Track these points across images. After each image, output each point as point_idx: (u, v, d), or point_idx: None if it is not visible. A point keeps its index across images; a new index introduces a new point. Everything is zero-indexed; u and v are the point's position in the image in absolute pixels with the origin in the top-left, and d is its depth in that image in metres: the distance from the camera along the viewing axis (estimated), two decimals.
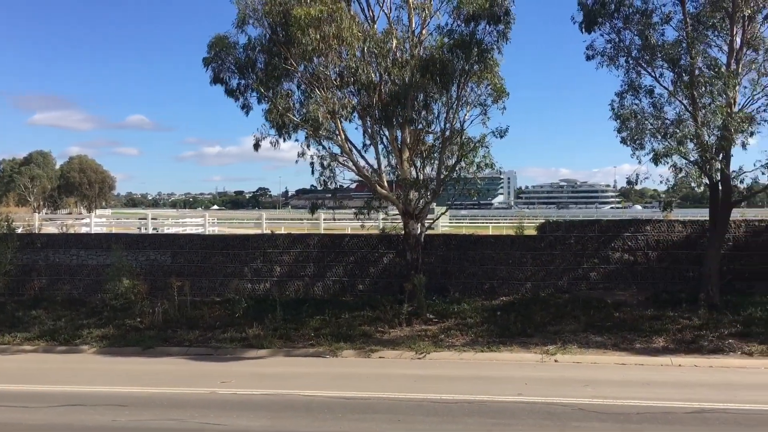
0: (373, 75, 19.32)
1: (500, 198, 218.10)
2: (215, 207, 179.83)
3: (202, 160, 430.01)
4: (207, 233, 32.47)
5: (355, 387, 14.34)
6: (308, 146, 20.77)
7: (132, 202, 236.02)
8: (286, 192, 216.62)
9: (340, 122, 20.14)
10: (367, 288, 23.19)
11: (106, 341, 19.67)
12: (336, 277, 23.49)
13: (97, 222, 40.39)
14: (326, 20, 18.08)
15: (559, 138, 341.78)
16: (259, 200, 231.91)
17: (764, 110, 19.16)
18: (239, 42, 20.03)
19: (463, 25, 19.86)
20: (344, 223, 33.54)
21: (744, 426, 11.42)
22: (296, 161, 21.09)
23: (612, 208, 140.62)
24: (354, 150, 21.18)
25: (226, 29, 21.21)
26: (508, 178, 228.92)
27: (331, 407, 12.91)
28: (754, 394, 13.25)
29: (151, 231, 33.00)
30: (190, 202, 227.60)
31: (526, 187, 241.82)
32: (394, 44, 19.84)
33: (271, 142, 20.47)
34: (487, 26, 19.91)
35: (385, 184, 21.19)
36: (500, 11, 19.63)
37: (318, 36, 17.99)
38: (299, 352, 18.14)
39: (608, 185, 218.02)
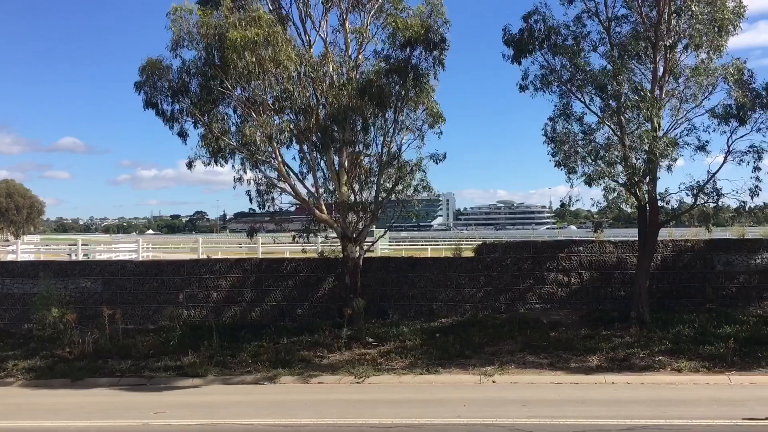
0: (309, 98, 19.37)
1: (440, 220, 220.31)
2: (150, 232, 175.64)
3: (137, 184, 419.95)
4: (141, 259, 31.63)
5: (293, 414, 14.13)
6: (245, 171, 20.62)
7: (63, 227, 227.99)
8: (224, 216, 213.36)
9: (278, 146, 20.05)
10: (306, 312, 22.98)
11: (33, 373, 18.86)
12: (274, 301, 23.20)
13: (25, 249, 38.85)
14: (262, 44, 18.06)
15: (497, 160, 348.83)
16: (196, 224, 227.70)
17: (686, 135, 20.02)
18: (173, 65, 19.81)
19: (399, 50, 20.21)
20: (283, 246, 33.15)
21: None
22: (234, 186, 20.94)
23: (548, 228, 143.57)
24: (292, 174, 21.15)
25: (160, 51, 20.89)
26: (447, 200, 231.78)
27: None
28: (683, 410, 13.64)
29: (81, 257, 31.95)
30: (124, 227, 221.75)
31: (465, 209, 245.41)
32: (331, 68, 19.98)
33: (203, 162, 20.27)
34: (423, 52, 20.32)
35: (324, 207, 21.17)
36: (435, 38, 20.05)
37: (254, 59, 17.95)
38: (236, 379, 17.79)
39: (544, 206, 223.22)
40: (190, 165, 20.40)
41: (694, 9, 18.64)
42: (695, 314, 20.83)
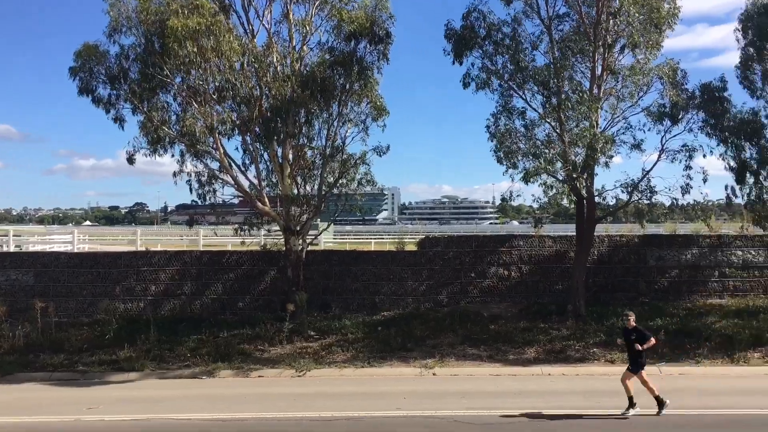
0: (253, 89, 19.11)
1: (385, 214, 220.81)
2: (88, 223, 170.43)
3: (74, 174, 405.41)
4: (76, 251, 30.70)
5: (232, 408, 13.99)
6: (185, 162, 20.24)
7: None
8: (166, 207, 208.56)
9: (220, 137, 19.74)
10: (247, 305, 22.73)
11: None
12: (215, 295, 22.87)
13: None
14: (204, 33, 17.76)
15: (443, 156, 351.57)
16: (136, 216, 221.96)
17: (623, 133, 20.58)
18: (111, 51, 19.27)
19: (344, 42, 20.13)
20: (226, 239, 32.72)
21: (604, 430, 12.07)
22: (174, 177, 20.52)
23: (491, 223, 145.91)
24: (234, 165, 20.85)
25: (99, 36, 20.28)
26: (392, 195, 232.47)
27: (207, 430, 12.50)
28: (616, 400, 13.99)
29: (12, 249, 30.80)
30: (60, 218, 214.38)
31: (410, 204, 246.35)
32: (274, 59, 19.75)
33: (144, 154, 19.81)
34: (368, 45, 20.29)
35: (266, 200, 20.95)
36: (380, 32, 20.06)
37: (195, 48, 17.63)
38: (174, 373, 17.50)
39: (487, 202, 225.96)
40: (130, 159, 19.88)
41: (631, 10, 19.14)
42: (629, 307, 21.38)
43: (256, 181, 21.10)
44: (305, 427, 12.64)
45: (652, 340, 13.38)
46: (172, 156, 20.24)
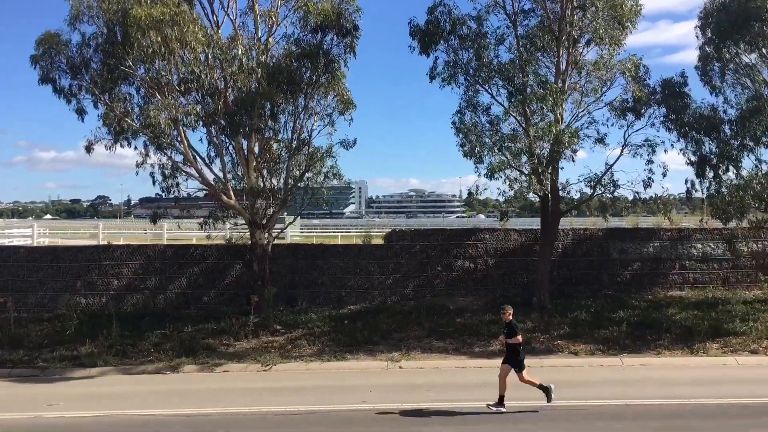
0: (218, 81, 18.89)
1: (352, 207, 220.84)
2: (48, 216, 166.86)
3: (34, 166, 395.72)
4: (35, 245, 30.05)
5: (196, 403, 13.85)
6: (149, 154, 19.95)
7: None
8: (129, 201, 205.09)
9: (184, 129, 19.48)
10: (212, 300, 22.53)
11: None
12: (179, 289, 22.62)
13: None
14: (168, 23, 17.46)
15: (410, 149, 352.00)
16: (98, 209, 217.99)
17: (587, 127, 20.83)
18: (73, 40, 18.88)
19: (310, 35, 19.97)
20: (190, 233, 32.37)
21: (568, 421, 12.26)
22: (137, 170, 20.23)
23: (458, 217, 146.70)
24: (199, 158, 20.61)
25: (60, 24, 19.81)
26: (360, 188, 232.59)
27: (170, 426, 12.38)
28: (579, 392, 14.25)
29: None
30: (20, 212, 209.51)
31: (377, 197, 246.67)
32: (240, 51, 19.51)
33: (106, 146, 19.48)
34: (335, 38, 20.16)
35: (231, 193, 20.75)
36: (347, 24, 19.94)
37: (159, 39, 17.33)
38: (137, 369, 17.26)
39: (454, 195, 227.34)
40: (89, 148, 19.55)
41: (597, 5, 19.37)
42: (592, 300, 21.78)
43: (221, 174, 20.89)
44: (270, 421, 12.57)
45: (519, 338, 13.10)
46: (135, 148, 19.97)
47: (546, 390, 12.84)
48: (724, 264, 23.25)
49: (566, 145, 19.33)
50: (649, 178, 20.40)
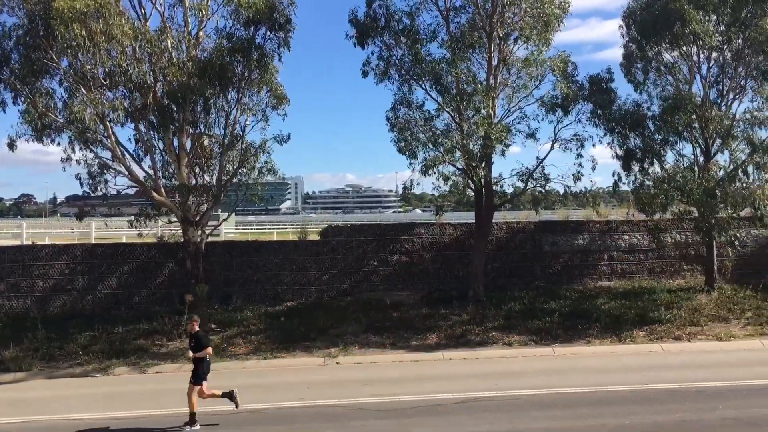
0: (146, 75, 18.38)
1: (288, 203, 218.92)
2: None
3: None
4: None
5: (127, 406, 13.49)
6: (74, 150, 19.27)
7: None
8: (55, 199, 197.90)
9: (111, 125, 18.89)
10: (144, 300, 21.96)
11: None
12: (109, 289, 21.95)
13: None
14: (93, 15, 16.87)
15: (347, 144, 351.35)
16: (22, 208, 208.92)
17: (519, 122, 21.23)
18: None
19: (243, 29, 19.66)
20: (120, 231, 31.54)
21: (503, 411, 12.47)
22: (62, 163, 19.53)
23: (395, 212, 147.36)
24: (128, 155, 20.03)
25: None
26: (296, 184, 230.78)
27: (100, 430, 11.99)
28: (513, 382, 14.56)
29: None
30: None
31: (314, 193, 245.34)
32: (169, 44, 19.03)
33: (27, 140, 18.73)
34: (268, 32, 19.92)
35: (162, 190, 20.25)
36: (281, 18, 19.73)
37: (83, 32, 16.71)
38: (64, 372, 16.71)
39: (391, 190, 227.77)
40: (11, 145, 18.76)
41: (523, 5, 19.73)
42: (525, 291, 22.25)
43: (151, 171, 20.34)
44: (205, 421, 12.34)
45: (209, 350, 12.59)
46: (58, 145, 19.27)
47: (230, 396, 12.40)
48: (649, 254, 24.09)
49: (497, 140, 19.60)
50: (579, 172, 20.95)
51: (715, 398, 12.72)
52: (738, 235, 20.82)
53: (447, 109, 20.53)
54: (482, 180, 20.57)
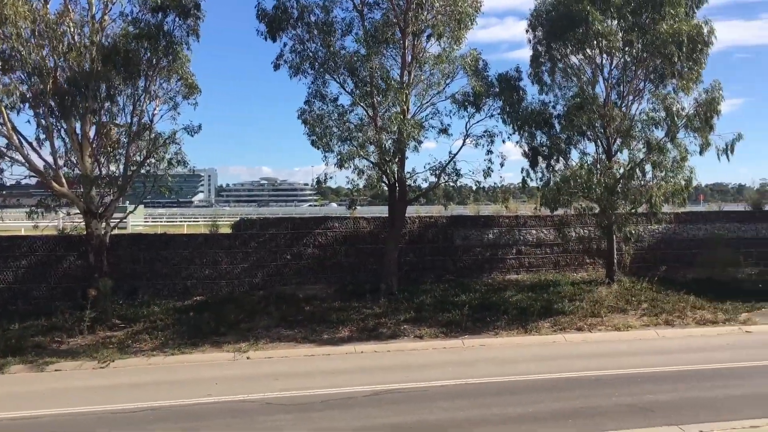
0: (46, 60, 17.49)
1: (201, 196, 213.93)
2: None
3: None
4: None
5: (24, 405, 12.84)
6: None
7: None
8: None
9: (7, 111, 17.88)
10: (44, 295, 20.98)
11: None
12: (4, 284, 20.87)
13: None
14: None
15: (263, 137, 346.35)
16: None
17: (431, 118, 21.52)
18: None
19: (150, 14, 19.00)
20: (18, 223, 29.98)
21: (412, 403, 12.63)
22: None
23: (310, 205, 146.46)
24: (26, 143, 19.01)
25: None
26: (209, 176, 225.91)
27: None
28: (423, 374, 14.75)
29: None
30: None
31: (228, 185, 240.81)
32: (71, 27, 18.17)
33: None
34: (177, 19, 19.35)
35: (64, 181, 19.36)
36: (190, 4, 19.22)
37: None
38: None
39: (306, 184, 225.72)
40: None
41: (437, 3, 19.97)
42: (437, 285, 22.66)
43: (51, 160, 19.40)
44: (107, 420, 11.93)
45: None
46: None
47: None
48: (555, 249, 24.99)
49: (410, 136, 19.79)
50: (489, 168, 21.41)
51: (611, 386, 13.34)
52: (634, 230, 21.85)
53: (361, 104, 20.57)
54: (395, 175, 20.75)
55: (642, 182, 21.29)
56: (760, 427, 10.65)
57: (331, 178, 21.25)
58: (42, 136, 19.27)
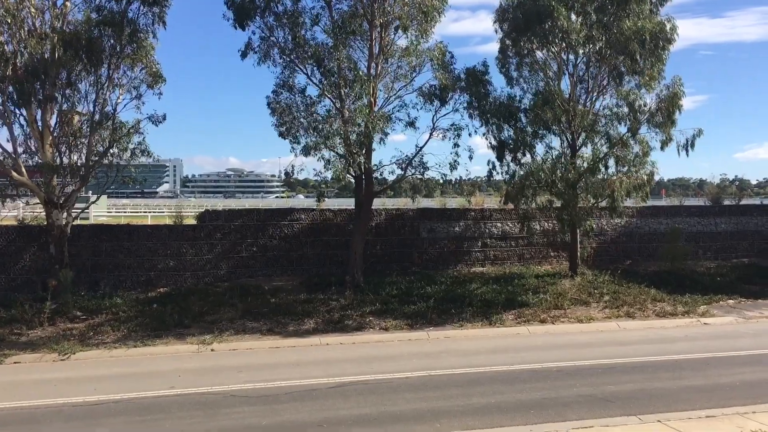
0: (4, 46, 17.07)
1: (166, 186, 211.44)
2: None
3: None
4: None
5: None
6: None
7: None
8: None
9: None
10: (2, 286, 20.61)
11: None
12: None
13: None
14: None
15: (230, 127, 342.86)
16: None
17: (398, 111, 21.52)
18: None
19: (113, 2, 18.65)
20: None
21: (376, 394, 12.67)
22: None
23: (277, 197, 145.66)
24: None
25: None
26: (174, 166, 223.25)
27: None
28: (388, 365, 14.81)
29: None
30: None
31: (194, 176, 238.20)
32: (31, 13, 17.75)
33: None
34: (142, 6, 19.02)
35: (23, 169, 18.95)
36: None
37: None
38: None
39: (274, 175, 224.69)
40: None
41: None
42: (403, 277, 22.73)
43: (11, 148, 18.97)
44: (67, 413, 11.74)
45: None
46: None
47: None
48: (520, 242, 25.26)
49: (376, 129, 19.77)
50: (455, 161, 21.46)
51: (573, 377, 13.56)
52: (594, 225, 22.19)
53: (328, 95, 20.49)
54: (362, 166, 20.72)
55: (605, 176, 21.60)
56: (715, 417, 10.93)
57: (302, 170, 21.17)
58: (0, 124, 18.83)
